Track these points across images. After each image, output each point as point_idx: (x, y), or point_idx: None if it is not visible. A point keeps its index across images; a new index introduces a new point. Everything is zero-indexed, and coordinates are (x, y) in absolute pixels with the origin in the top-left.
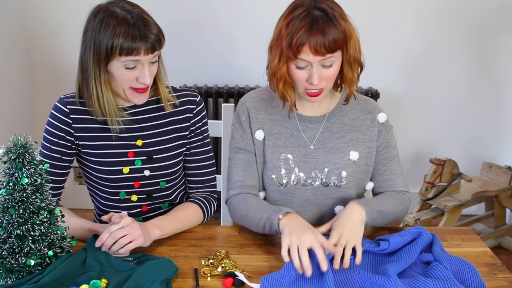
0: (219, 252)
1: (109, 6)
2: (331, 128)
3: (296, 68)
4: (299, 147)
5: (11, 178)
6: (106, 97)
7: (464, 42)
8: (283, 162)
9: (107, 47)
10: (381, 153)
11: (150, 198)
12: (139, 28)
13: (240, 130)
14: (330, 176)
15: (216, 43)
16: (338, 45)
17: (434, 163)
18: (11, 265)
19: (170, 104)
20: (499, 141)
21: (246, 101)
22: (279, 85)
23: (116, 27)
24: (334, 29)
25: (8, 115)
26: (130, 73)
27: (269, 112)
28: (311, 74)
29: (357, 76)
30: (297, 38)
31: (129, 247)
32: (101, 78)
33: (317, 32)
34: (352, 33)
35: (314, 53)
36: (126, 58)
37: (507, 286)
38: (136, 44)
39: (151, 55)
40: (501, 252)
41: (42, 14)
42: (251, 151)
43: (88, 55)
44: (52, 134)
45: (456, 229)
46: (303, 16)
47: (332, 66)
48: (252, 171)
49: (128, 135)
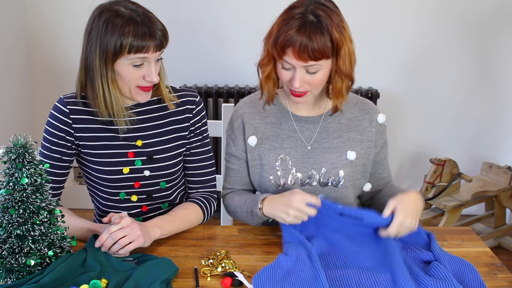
0: (219, 252)
1: (112, 6)
2: (328, 128)
3: (282, 68)
4: (296, 148)
5: (11, 178)
6: (113, 96)
7: (464, 42)
8: (281, 163)
9: (116, 46)
10: (380, 153)
11: (150, 199)
12: (147, 25)
13: (232, 136)
14: (327, 176)
15: (216, 43)
16: (322, 54)
17: (434, 163)
18: (11, 265)
19: (171, 103)
20: (499, 141)
21: (240, 108)
22: (261, 77)
23: (124, 26)
24: (321, 37)
25: (8, 115)
26: (137, 71)
27: (264, 115)
28: (293, 77)
29: (346, 89)
30: (283, 39)
31: (129, 248)
32: (108, 77)
33: (303, 36)
34: (343, 45)
35: (296, 57)
36: (135, 55)
37: (507, 286)
38: (145, 42)
39: (158, 53)
40: (501, 252)
41: (43, 14)
42: (242, 158)
43: (94, 55)
44: (52, 134)
45: (456, 229)
46: (297, 18)
47: (317, 73)
48: (241, 178)
49: (128, 135)
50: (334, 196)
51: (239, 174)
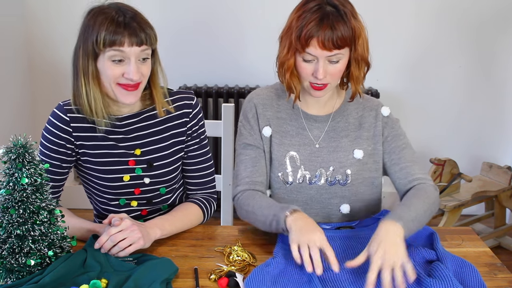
0: (230, 248)
1: (101, 6)
2: (336, 128)
3: (303, 61)
4: (305, 146)
5: (11, 178)
6: (93, 93)
7: (464, 42)
8: (289, 160)
9: (93, 41)
10: (391, 143)
11: (150, 204)
12: (125, 22)
13: (248, 126)
14: (335, 175)
15: (216, 43)
16: (346, 42)
17: (434, 163)
18: (11, 265)
19: (165, 110)
20: (499, 141)
21: (253, 98)
22: (286, 75)
23: (102, 21)
24: (343, 25)
25: (8, 116)
26: (116, 68)
27: (276, 109)
28: (317, 68)
29: (364, 75)
30: (306, 31)
31: (128, 250)
32: (89, 74)
33: (326, 26)
34: (361, 32)
35: (321, 47)
36: (111, 49)
37: (507, 286)
38: (118, 35)
39: (137, 49)
40: (501, 252)
41: (43, 16)
42: (260, 147)
43: (78, 53)
44: (51, 142)
45: (456, 229)
46: (315, 10)
47: (338, 63)
48: (260, 167)
49: (126, 144)
50: (341, 195)
51: (258, 162)
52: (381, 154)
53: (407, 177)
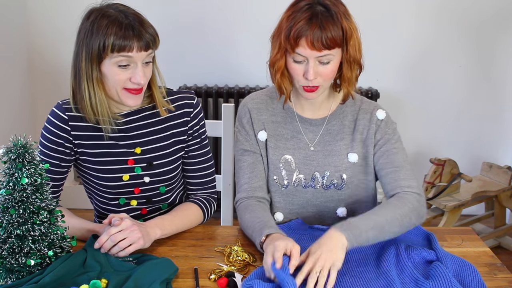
0: (230, 248)
1: (102, 8)
2: (331, 131)
3: (294, 62)
4: (300, 149)
5: (11, 178)
6: (98, 97)
7: (464, 42)
8: (284, 163)
9: (99, 45)
10: (381, 146)
11: (150, 203)
12: (132, 25)
13: (243, 131)
14: (330, 179)
15: (216, 44)
16: (336, 43)
17: (434, 163)
18: (11, 265)
19: (166, 109)
20: (499, 141)
21: (247, 103)
22: (277, 76)
23: (108, 26)
24: (333, 25)
25: (8, 116)
26: (123, 73)
27: (271, 113)
28: (307, 69)
29: (356, 77)
30: (295, 31)
31: (128, 250)
32: (93, 78)
33: (315, 26)
34: (353, 33)
35: (310, 47)
36: (119, 54)
37: (507, 286)
38: (128, 41)
39: (144, 53)
40: (501, 252)
41: (43, 16)
42: (257, 152)
43: (80, 56)
44: (50, 141)
45: (456, 229)
46: (305, 10)
47: (329, 64)
48: (258, 172)
49: (126, 143)
50: (337, 198)
51: (255, 168)
52: (371, 157)
53: (391, 183)
